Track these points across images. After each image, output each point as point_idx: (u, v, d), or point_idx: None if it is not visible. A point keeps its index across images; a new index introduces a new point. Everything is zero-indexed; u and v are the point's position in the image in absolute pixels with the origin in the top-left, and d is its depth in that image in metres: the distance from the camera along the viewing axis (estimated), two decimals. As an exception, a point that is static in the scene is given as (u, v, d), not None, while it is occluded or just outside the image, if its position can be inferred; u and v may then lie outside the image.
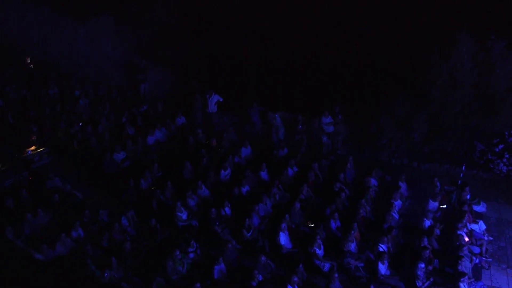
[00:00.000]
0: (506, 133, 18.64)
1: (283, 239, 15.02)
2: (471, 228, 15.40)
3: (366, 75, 21.38)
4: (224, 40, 24.99)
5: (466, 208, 15.68)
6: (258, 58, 24.11)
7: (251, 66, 23.77)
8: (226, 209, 16.27)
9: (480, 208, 16.40)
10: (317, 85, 22.06)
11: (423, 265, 13.62)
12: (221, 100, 22.14)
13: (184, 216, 16.33)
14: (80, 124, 21.58)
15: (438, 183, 16.97)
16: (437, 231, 15.05)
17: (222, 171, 18.21)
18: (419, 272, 13.49)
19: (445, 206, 16.27)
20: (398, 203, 16.45)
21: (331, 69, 22.31)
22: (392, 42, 21.37)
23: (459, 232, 14.78)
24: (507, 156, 18.52)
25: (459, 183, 17.36)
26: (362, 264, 14.54)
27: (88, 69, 26.00)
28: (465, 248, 14.36)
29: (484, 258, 14.90)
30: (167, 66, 25.78)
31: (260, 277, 13.63)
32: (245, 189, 17.31)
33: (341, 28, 23.04)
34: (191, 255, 14.77)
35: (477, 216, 16.01)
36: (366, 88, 20.95)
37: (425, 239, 14.55)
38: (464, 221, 15.10)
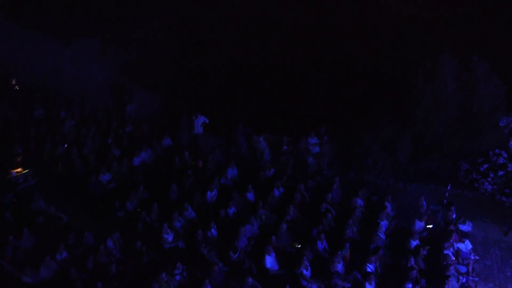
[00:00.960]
0: (491, 153, 18.78)
1: (270, 261, 14.94)
2: (457, 248, 15.44)
3: (351, 96, 21.53)
4: (210, 61, 25.07)
5: (452, 227, 15.74)
6: (244, 79, 24.20)
7: (237, 88, 23.86)
8: (213, 230, 16.19)
9: (466, 227, 16.46)
10: (303, 106, 22.17)
11: (410, 285, 13.61)
12: (207, 121, 22.16)
13: (170, 238, 16.21)
14: (66, 145, 21.42)
15: (424, 203, 17.05)
16: (423, 251, 15.08)
17: (209, 193, 18.14)
18: (406, 293, 13.49)
19: (431, 226, 16.33)
20: (384, 223, 16.47)
21: (317, 90, 22.46)
22: (376, 63, 21.57)
23: (445, 251, 14.83)
24: (491, 175, 18.64)
25: (444, 202, 17.48)
26: (349, 285, 14.50)
27: (74, 90, 25.85)
28: (452, 267, 14.39)
29: (471, 278, 14.93)
30: (153, 87, 25.77)
31: (247, 299, 13.56)
32: (231, 210, 17.24)
33: (326, 50, 23.24)
34: (178, 277, 14.64)
35: (463, 235, 16.08)
36: (351, 109, 21.09)
37: (412, 259, 14.57)
38: (451, 241, 15.16)
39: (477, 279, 15.12)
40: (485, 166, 18.79)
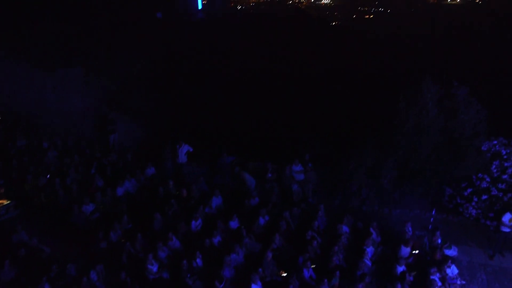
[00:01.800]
0: (474, 177, 18.97)
1: (256, 290, 14.82)
2: (444, 273, 15.43)
3: (334, 123, 21.67)
4: (193, 90, 25.16)
5: (439, 255, 15.78)
6: (227, 107, 24.29)
7: (220, 116, 23.92)
8: (198, 260, 16.02)
9: (451, 252, 16.47)
10: (287, 134, 22.26)
11: (397, 312, 13.54)
12: (191, 150, 22.10)
13: (154, 268, 16.00)
14: (48, 176, 21.22)
15: (409, 229, 17.06)
16: (410, 277, 15.03)
17: (193, 222, 18.01)
18: (393, 320, 13.41)
19: (417, 251, 16.32)
20: (370, 249, 16.42)
21: (300, 117, 22.58)
22: (359, 90, 21.78)
23: (432, 277, 14.79)
24: (475, 199, 18.81)
25: (430, 227, 17.50)
26: (337, 313, 14.39)
27: (56, 120, 25.76)
28: (439, 293, 14.36)
29: (457, 303, 14.91)
30: (137, 116, 25.75)
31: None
32: (216, 239, 17.11)
33: (310, 77, 23.46)
34: (163, 308, 14.45)
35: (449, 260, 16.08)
36: (335, 136, 21.20)
37: (399, 285, 14.48)
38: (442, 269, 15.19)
39: (464, 304, 15.11)
40: (469, 190, 18.97)
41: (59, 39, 27.75)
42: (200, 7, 61.77)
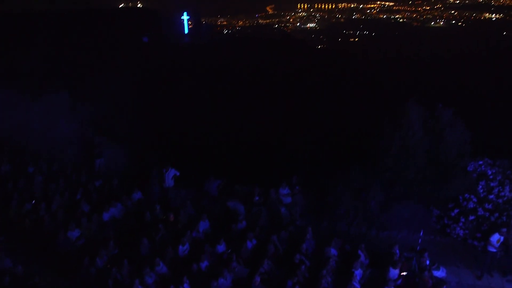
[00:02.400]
0: (461, 198, 19.07)
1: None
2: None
3: (321, 146, 21.74)
4: (180, 114, 25.18)
5: (426, 274, 15.74)
6: (214, 130, 24.31)
7: (207, 139, 23.92)
8: (185, 285, 15.85)
9: (440, 273, 16.46)
10: (274, 156, 22.27)
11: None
12: (177, 174, 22.01)
13: (141, 294, 15.82)
14: (33, 201, 21.00)
15: (397, 250, 17.04)
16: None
17: (180, 247, 17.86)
18: None
19: (405, 273, 16.28)
20: (358, 272, 16.36)
21: (287, 140, 22.63)
22: (345, 112, 21.91)
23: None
24: (463, 220, 18.87)
25: (418, 249, 17.48)
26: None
27: (42, 145, 25.58)
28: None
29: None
30: (123, 141, 25.66)
31: None
32: (204, 264, 16.96)
33: (297, 100, 23.58)
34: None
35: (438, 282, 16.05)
36: (322, 158, 21.25)
37: (388, 308, 14.45)
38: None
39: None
40: (456, 211, 19.05)
41: (45, 64, 27.73)
42: (186, 31, 62.29)
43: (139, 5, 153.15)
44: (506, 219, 18.40)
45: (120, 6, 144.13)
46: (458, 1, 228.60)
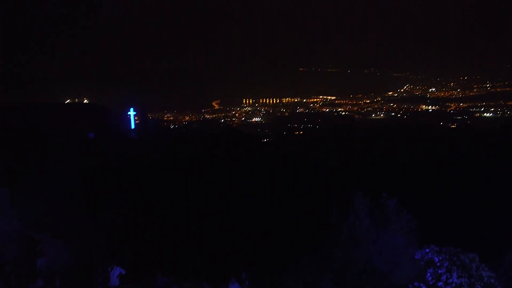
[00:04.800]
0: (410, 286, 19.05)
1: None
2: None
3: (270, 238, 21.69)
4: (127, 209, 24.84)
5: None
6: (161, 225, 24.00)
7: (153, 235, 23.53)
8: None
9: None
10: (222, 250, 22.02)
11: None
12: (123, 272, 21.28)
13: None
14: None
15: None
16: None
17: None
18: None
19: None
20: None
21: (236, 234, 22.52)
22: (293, 204, 22.09)
23: None
24: (414, 308, 18.78)
25: None
26: None
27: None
28: None
29: None
30: (66, 238, 24.86)
31: None
32: None
33: (245, 195, 23.69)
34: None
35: None
36: (270, 252, 21.12)
37: None
38: None
39: None
40: (407, 301, 18.96)
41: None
42: (133, 126, 62.68)
43: (85, 101, 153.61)
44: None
45: (66, 101, 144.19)
46: (396, 94, 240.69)
